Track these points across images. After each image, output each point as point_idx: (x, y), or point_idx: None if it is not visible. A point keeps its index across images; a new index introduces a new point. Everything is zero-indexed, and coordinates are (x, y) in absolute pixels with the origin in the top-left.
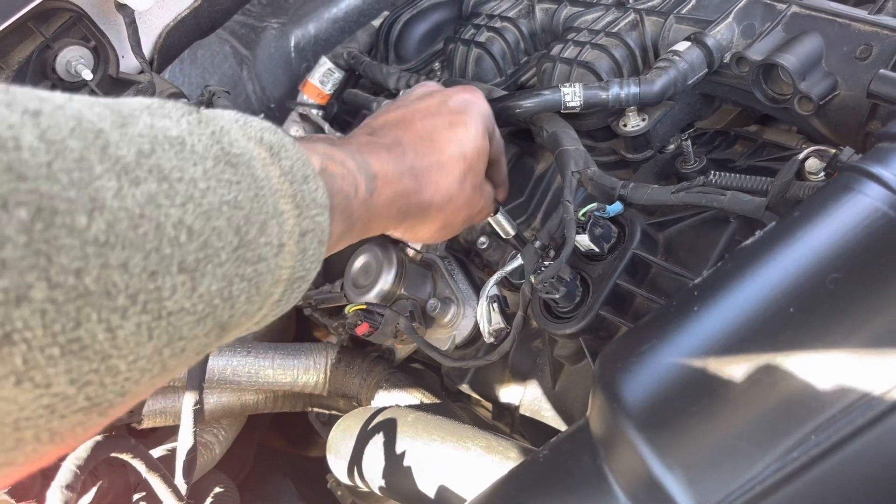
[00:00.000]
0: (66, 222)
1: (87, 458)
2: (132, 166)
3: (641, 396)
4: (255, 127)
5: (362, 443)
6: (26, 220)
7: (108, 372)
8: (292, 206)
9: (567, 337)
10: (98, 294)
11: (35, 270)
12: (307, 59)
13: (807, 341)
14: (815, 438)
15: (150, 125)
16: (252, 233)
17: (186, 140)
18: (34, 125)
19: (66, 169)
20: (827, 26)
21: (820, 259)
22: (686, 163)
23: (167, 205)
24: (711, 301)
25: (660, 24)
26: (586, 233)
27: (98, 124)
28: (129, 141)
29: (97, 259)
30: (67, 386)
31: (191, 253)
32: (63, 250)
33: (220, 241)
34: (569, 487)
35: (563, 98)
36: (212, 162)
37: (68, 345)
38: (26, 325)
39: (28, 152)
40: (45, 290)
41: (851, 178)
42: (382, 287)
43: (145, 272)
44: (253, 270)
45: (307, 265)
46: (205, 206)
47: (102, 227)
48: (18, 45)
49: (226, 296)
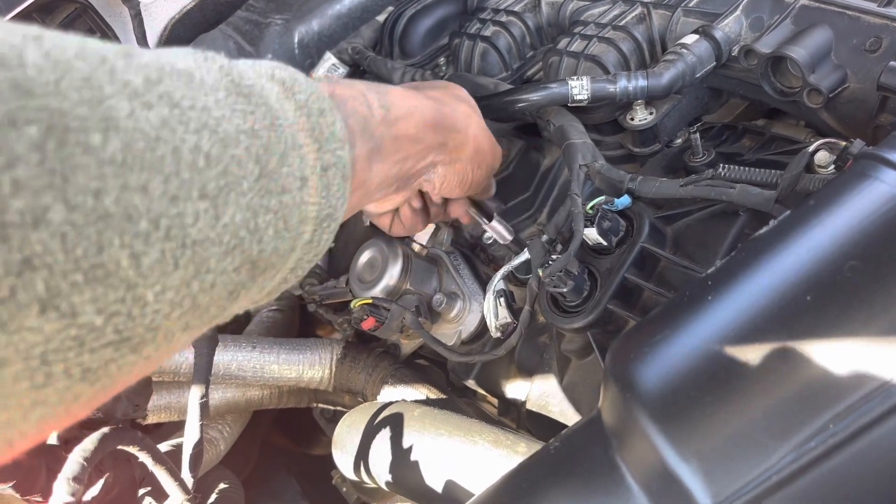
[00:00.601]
0: (80, 140)
1: (94, 451)
2: (142, 90)
3: (655, 386)
4: (265, 64)
5: (369, 438)
6: (38, 138)
7: (136, 302)
8: (311, 139)
9: (575, 331)
10: (119, 217)
11: (51, 191)
12: (311, 56)
13: (824, 329)
14: (833, 428)
15: (156, 57)
16: (273, 163)
17: (194, 72)
18: (37, 46)
19: (75, 87)
20: (836, 19)
21: (837, 246)
22: (694, 156)
23: (182, 130)
24: (726, 290)
25: (667, 18)
26: (594, 226)
27: (102, 51)
28: (135, 68)
29: (115, 179)
30: (94, 315)
31: (211, 179)
32: (79, 169)
33: (240, 170)
34: (581, 479)
35: (571, 91)
36: (223, 93)
37: (92, 270)
38: (46, 249)
39: (34, 69)
40: (64, 212)
41: (868, 166)
42: (388, 282)
43: (166, 196)
44: (278, 202)
45: (333, 202)
46: (220, 133)
47: (118, 146)
48: None
49: (252, 227)
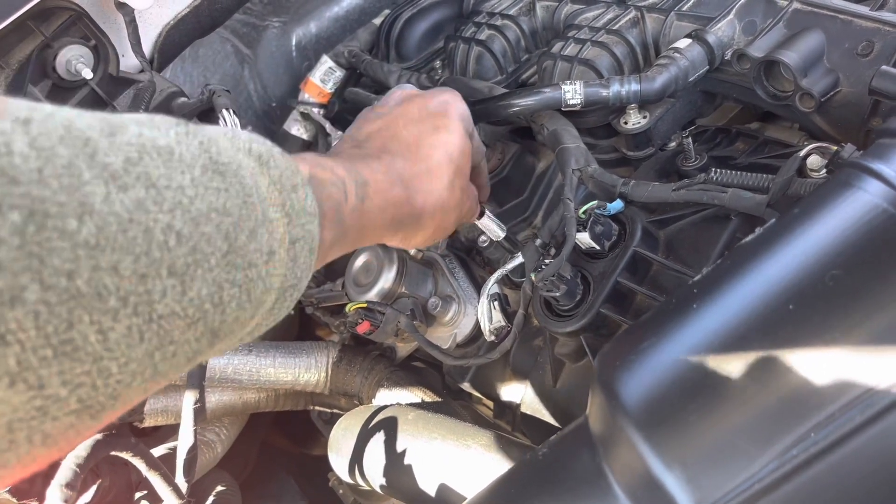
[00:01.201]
0: (57, 225)
1: (87, 457)
2: (120, 173)
3: (640, 394)
4: (243, 138)
5: (363, 441)
6: (19, 223)
7: (100, 374)
8: (282, 214)
9: (568, 335)
10: (90, 296)
11: (29, 272)
12: (308, 58)
13: (806, 338)
14: (815, 436)
15: (139, 134)
16: (241, 239)
17: (174, 149)
18: (24, 132)
19: (55, 174)
20: (829, 23)
21: (820, 256)
22: (687, 160)
23: (155, 210)
24: (710, 298)
25: (661, 22)
26: (587, 231)
27: (87, 133)
28: (117, 149)
29: (88, 261)
30: (60, 387)
31: (180, 257)
32: (55, 252)
33: (209, 247)
34: (568, 485)
35: (564, 96)
36: (199, 170)
37: (61, 346)
38: (20, 327)
39: (19, 158)
40: (39, 292)
41: (851, 175)
42: (383, 285)
43: (135, 275)
44: (244, 276)
45: (298, 273)
46: (193, 212)
47: (93, 230)
48: (18, 44)
49: (216, 301)
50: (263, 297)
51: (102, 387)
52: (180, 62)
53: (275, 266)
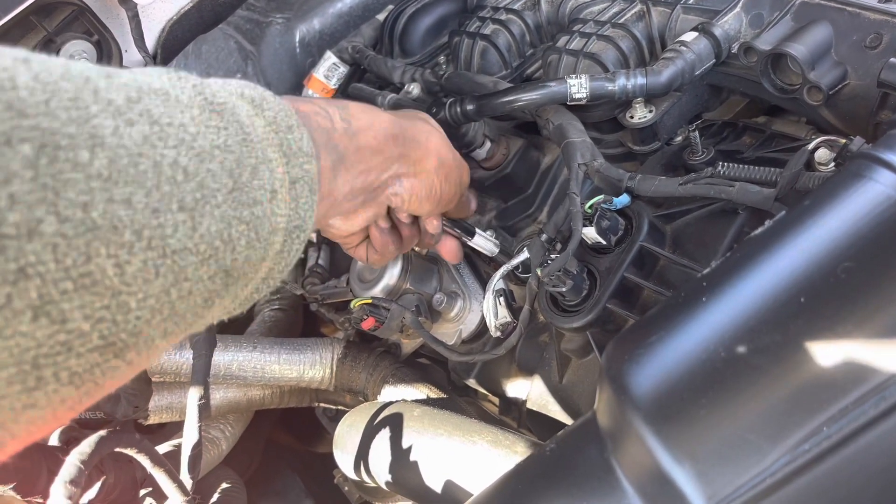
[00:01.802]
0: (69, 157)
1: (92, 453)
2: (124, 109)
3: (649, 388)
4: (234, 84)
5: (369, 438)
6: (31, 155)
7: (120, 309)
8: (279, 154)
9: (574, 331)
10: (105, 228)
11: (44, 204)
12: (312, 54)
13: (818, 331)
14: (827, 430)
15: (133, 77)
16: (245, 176)
17: (170, 91)
18: (26, 69)
19: (63, 107)
20: (836, 15)
21: (831, 247)
22: (694, 154)
23: (161, 146)
24: (720, 291)
25: (667, 15)
26: (593, 225)
27: (85, 72)
28: (116, 88)
29: (102, 193)
30: (82, 322)
31: (188, 192)
32: (69, 184)
33: (215, 183)
34: (576, 481)
35: (570, 90)
36: (198, 110)
37: (80, 279)
38: (39, 259)
39: (25, 91)
40: (55, 224)
41: (862, 166)
42: (388, 281)
43: (148, 208)
44: (250, 213)
45: (301, 213)
46: (196, 148)
47: (104, 162)
48: (21, 39)
49: (226, 238)
50: (271, 238)
51: (122, 322)
52: (183, 58)
53: (278, 205)
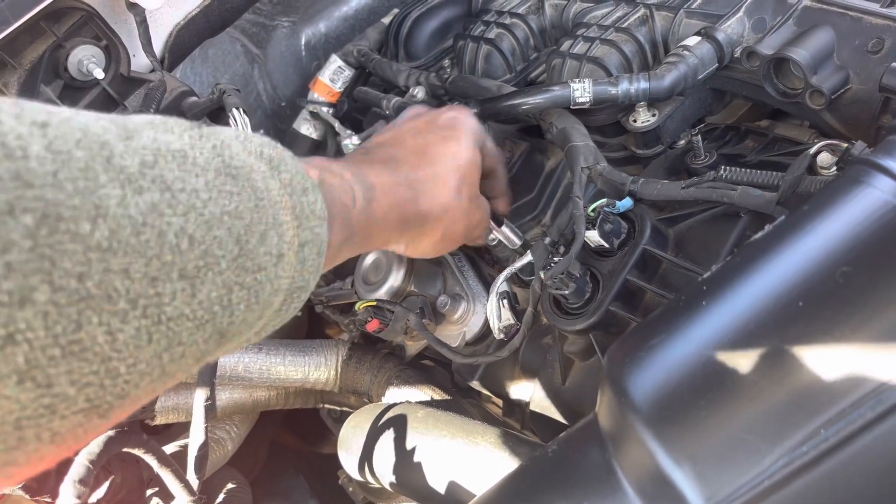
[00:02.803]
0: (70, 228)
1: (100, 453)
2: (136, 176)
3: (650, 391)
4: (254, 142)
5: (373, 439)
6: (31, 226)
7: (108, 374)
8: (291, 217)
9: (577, 333)
10: (99, 298)
11: (39, 274)
12: (318, 58)
13: (816, 335)
14: (825, 433)
15: (154, 138)
16: (252, 242)
17: (188, 153)
18: (42, 136)
19: (71, 178)
20: (838, 20)
21: (830, 252)
22: (696, 158)
23: (169, 213)
24: (720, 295)
25: (670, 20)
26: (596, 228)
27: (103, 136)
28: (132, 152)
29: (99, 264)
30: (68, 386)
31: (191, 260)
32: (66, 255)
33: (220, 250)
34: (577, 482)
35: (573, 94)
36: (213, 174)
37: (69, 346)
38: (29, 326)
39: (35, 161)
40: (49, 293)
41: (862, 171)
42: (393, 284)
43: (146, 278)
44: (253, 279)
45: (306, 275)
46: (206, 215)
47: (105, 233)
48: (30, 44)
49: (225, 303)
50: (271, 299)
51: (111, 386)
52: (190, 62)
53: (283, 269)
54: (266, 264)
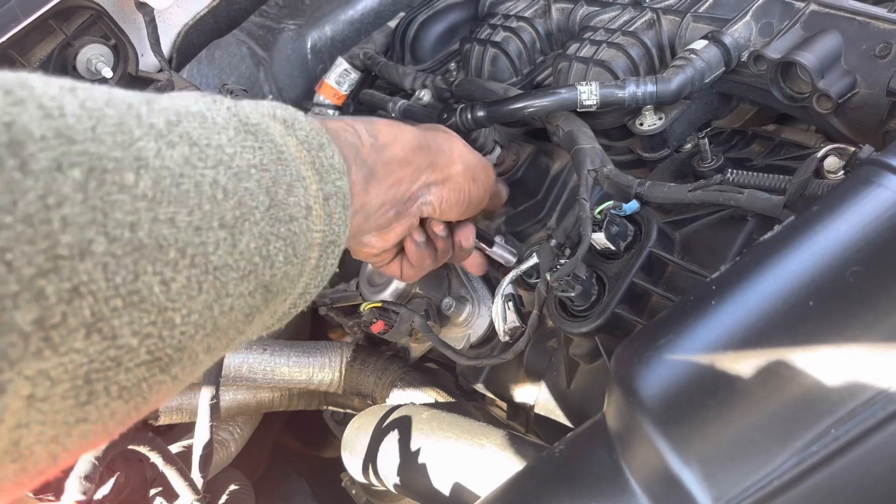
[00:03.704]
0: (116, 180)
1: (105, 450)
2: (164, 132)
3: (658, 390)
4: (266, 105)
5: (377, 440)
6: (81, 180)
7: (166, 325)
8: (312, 171)
9: (583, 335)
10: (151, 247)
11: (94, 226)
12: (323, 61)
13: (826, 335)
14: (835, 433)
15: (171, 102)
16: (280, 193)
17: (206, 114)
18: (73, 97)
19: (109, 132)
20: (846, 24)
21: (840, 252)
22: (703, 161)
23: (201, 166)
24: (730, 295)
25: (677, 23)
26: (602, 231)
27: (127, 99)
28: (157, 112)
29: (148, 213)
30: (131, 337)
31: (228, 210)
32: (117, 206)
33: (252, 201)
34: (585, 482)
35: (580, 96)
36: (233, 131)
37: (129, 296)
38: (91, 278)
39: (73, 118)
40: (105, 244)
41: (871, 172)
42: (398, 285)
43: (191, 227)
44: (287, 230)
45: (336, 229)
46: (234, 168)
47: (149, 183)
48: (40, 42)
49: (264, 254)
50: (307, 253)
51: (168, 337)
52: (196, 64)
53: (314, 221)
54: (297, 215)
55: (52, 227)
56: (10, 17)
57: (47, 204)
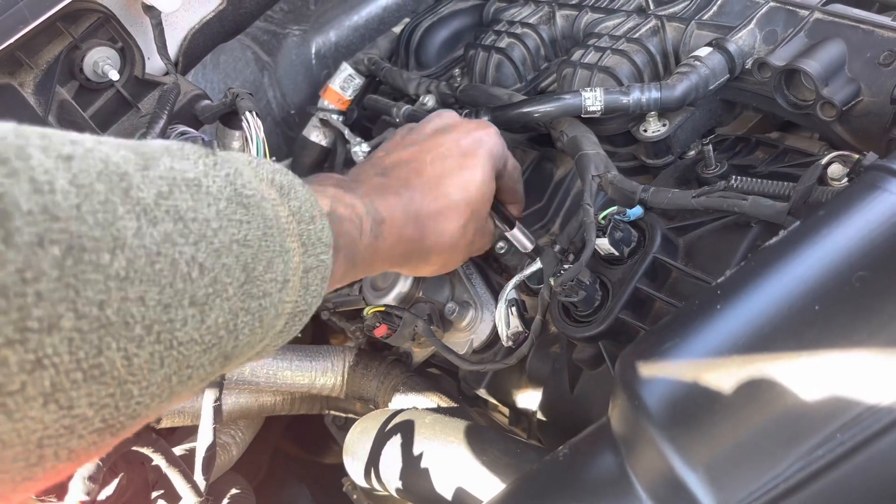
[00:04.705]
0: (92, 259)
1: (110, 451)
2: (151, 207)
3: (663, 395)
4: (266, 169)
5: (379, 444)
6: (59, 257)
7: (123, 397)
8: (298, 244)
9: (586, 341)
10: (118, 324)
11: (65, 302)
12: (328, 66)
13: (832, 339)
14: (841, 437)
15: (170, 167)
16: (259, 269)
17: (202, 182)
18: (66, 169)
19: (92, 211)
20: (850, 32)
21: (846, 257)
22: (707, 168)
23: (182, 243)
24: (735, 299)
25: (681, 30)
26: (606, 236)
27: (123, 167)
28: (150, 182)
29: (118, 292)
30: (87, 408)
31: (201, 288)
32: (89, 284)
33: (228, 277)
34: (589, 486)
35: (584, 102)
36: (225, 203)
37: (90, 370)
38: (55, 352)
39: (61, 195)
40: (73, 320)
41: (877, 177)
42: (401, 289)
43: (160, 305)
44: (258, 305)
45: (309, 300)
46: (216, 244)
47: (123, 263)
48: (47, 45)
49: (231, 328)
50: (274, 322)
51: (124, 408)
52: (201, 68)
53: (288, 293)
54: (271, 290)
55: (26, 301)
56: (18, 18)
57: (24, 278)
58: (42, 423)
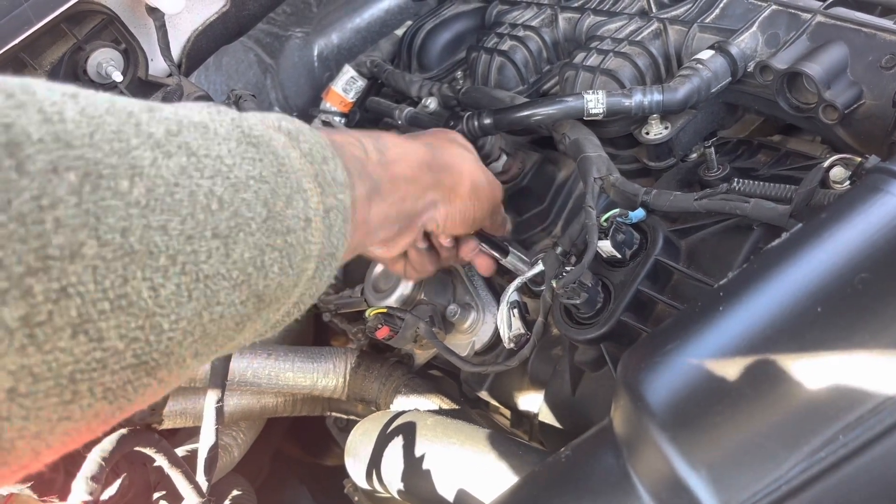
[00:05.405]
0: (110, 185)
1: (112, 451)
2: (163, 142)
3: (665, 396)
4: (272, 117)
5: (381, 446)
6: (76, 183)
7: (153, 329)
8: (314, 184)
9: (588, 343)
10: (142, 253)
11: (86, 229)
12: (330, 69)
13: (834, 341)
14: (843, 438)
15: (174, 111)
16: (279, 205)
17: (209, 124)
18: (74, 103)
19: (106, 139)
20: (852, 36)
21: (848, 259)
22: (709, 170)
23: (198, 176)
24: (737, 301)
25: (683, 33)
26: (608, 238)
27: (128, 107)
28: (157, 122)
29: (140, 220)
30: (117, 340)
31: (222, 221)
32: (110, 210)
33: (249, 212)
34: (591, 487)
35: (586, 105)
36: (234, 143)
37: (117, 300)
38: (80, 280)
39: (72, 124)
40: (96, 247)
41: (880, 179)
42: (403, 291)
43: (182, 235)
44: (283, 241)
45: (334, 241)
46: (232, 179)
47: (143, 191)
48: (51, 46)
49: (258, 265)
50: (304, 265)
51: (155, 342)
52: (204, 70)
53: (312, 233)
54: (295, 227)
55: (45, 228)
56: (22, 20)
57: (41, 205)
58: (72, 356)
